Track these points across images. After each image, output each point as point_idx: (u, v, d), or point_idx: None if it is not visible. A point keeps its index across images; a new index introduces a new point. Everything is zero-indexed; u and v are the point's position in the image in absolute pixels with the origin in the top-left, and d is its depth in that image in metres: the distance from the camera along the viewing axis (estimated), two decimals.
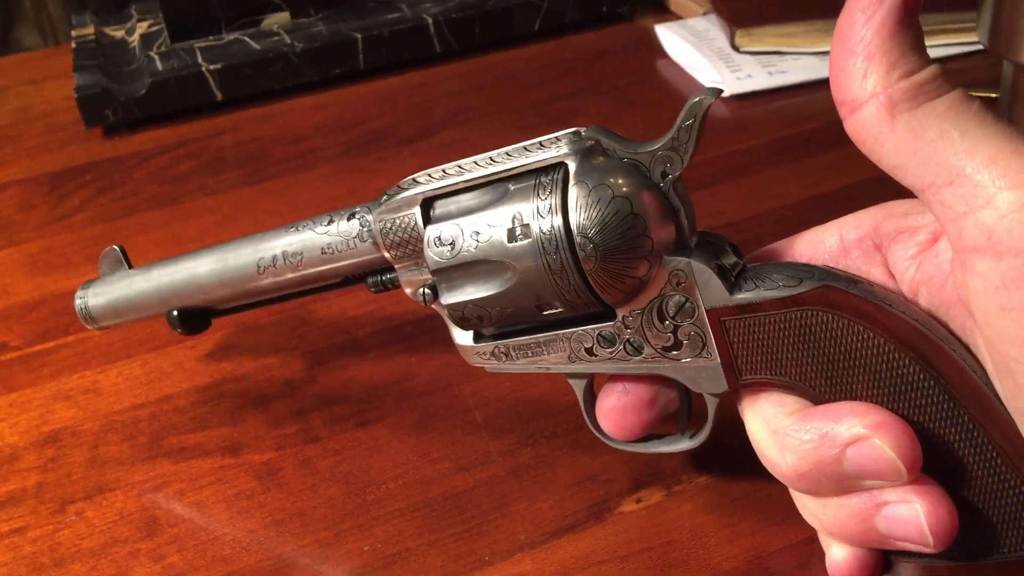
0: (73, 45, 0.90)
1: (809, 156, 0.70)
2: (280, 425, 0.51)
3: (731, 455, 0.46)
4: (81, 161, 0.80)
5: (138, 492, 0.48)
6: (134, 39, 0.91)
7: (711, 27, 0.89)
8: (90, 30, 0.93)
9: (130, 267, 0.51)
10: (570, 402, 0.50)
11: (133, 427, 0.52)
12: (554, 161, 0.38)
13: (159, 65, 0.84)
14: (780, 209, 0.65)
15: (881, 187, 0.39)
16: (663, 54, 0.88)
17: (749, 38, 0.84)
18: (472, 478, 0.47)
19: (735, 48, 0.84)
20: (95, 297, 0.51)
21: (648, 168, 0.37)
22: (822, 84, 0.79)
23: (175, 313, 0.49)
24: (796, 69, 0.81)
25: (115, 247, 0.52)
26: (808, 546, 0.41)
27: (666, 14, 0.96)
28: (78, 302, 0.51)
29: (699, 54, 0.84)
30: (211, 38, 0.87)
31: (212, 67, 0.83)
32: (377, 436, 0.50)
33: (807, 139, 0.73)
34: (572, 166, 0.37)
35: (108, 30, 0.94)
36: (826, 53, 0.81)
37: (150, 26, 0.91)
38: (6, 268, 0.67)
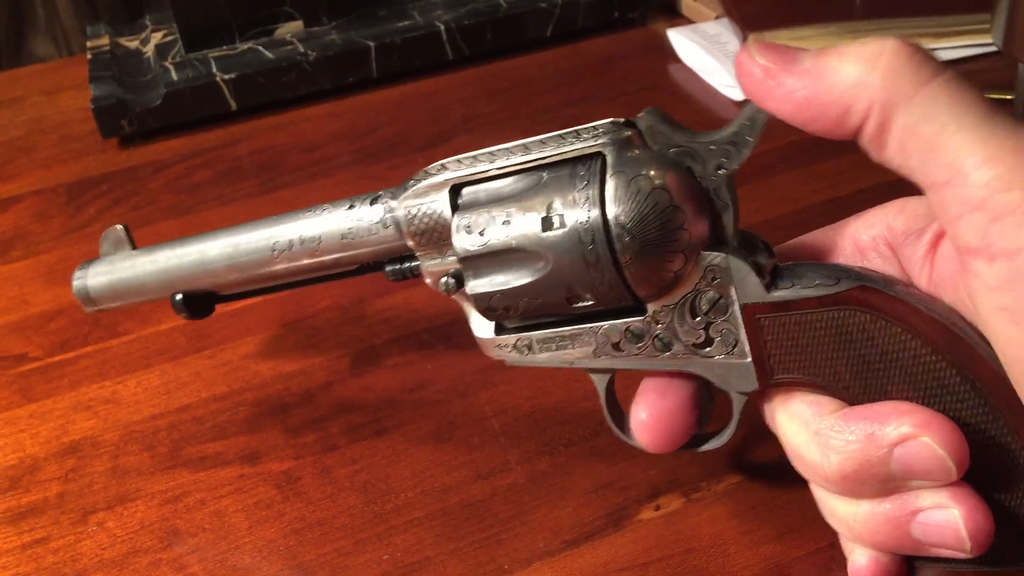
0: (88, 56, 0.90)
1: (822, 160, 0.70)
2: (298, 434, 0.52)
3: (750, 461, 0.46)
4: (97, 171, 0.81)
5: (159, 502, 0.48)
6: (149, 49, 0.91)
7: (723, 31, 0.89)
8: (105, 40, 0.93)
9: (134, 248, 0.49)
10: (587, 409, 0.50)
11: (153, 437, 0.53)
12: (591, 151, 0.37)
13: (174, 75, 0.84)
14: (794, 213, 0.65)
15: (894, 192, 0.39)
16: (675, 58, 0.88)
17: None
18: (490, 486, 0.47)
19: None
20: (96, 277, 0.49)
21: (702, 158, 0.36)
22: None
23: (179, 297, 0.47)
24: None
25: (118, 226, 0.50)
26: (829, 552, 0.41)
27: (678, 18, 0.96)
28: (76, 283, 0.49)
29: (711, 58, 0.84)
30: (225, 48, 0.88)
31: (226, 77, 0.84)
32: (395, 444, 0.50)
33: (820, 143, 0.72)
34: (610, 157, 0.36)
35: (123, 40, 0.94)
36: None
37: (164, 36, 0.92)
38: (24, 278, 0.68)
